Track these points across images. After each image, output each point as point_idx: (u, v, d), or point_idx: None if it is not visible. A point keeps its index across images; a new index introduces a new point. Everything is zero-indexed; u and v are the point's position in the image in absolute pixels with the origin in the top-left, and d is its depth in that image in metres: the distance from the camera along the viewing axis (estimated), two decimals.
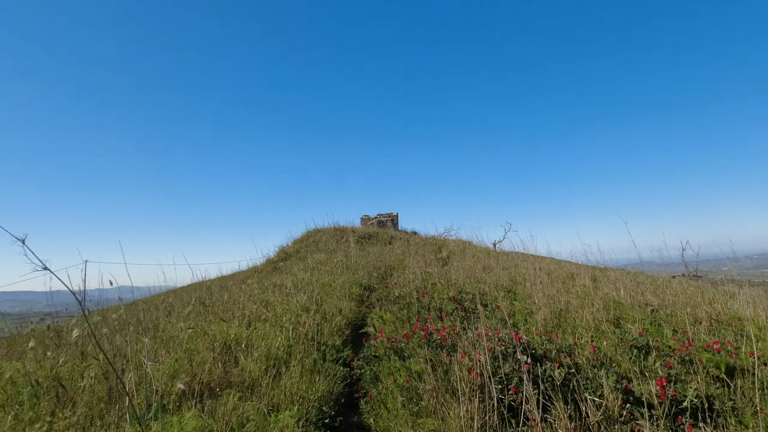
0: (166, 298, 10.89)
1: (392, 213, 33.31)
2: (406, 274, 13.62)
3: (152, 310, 9.34)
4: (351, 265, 16.19)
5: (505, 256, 17.32)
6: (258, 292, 10.77)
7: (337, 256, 18.73)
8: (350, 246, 23.68)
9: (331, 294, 10.92)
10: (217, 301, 9.73)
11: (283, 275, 15.06)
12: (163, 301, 10.41)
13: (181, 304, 9.78)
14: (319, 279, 13.31)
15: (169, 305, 9.59)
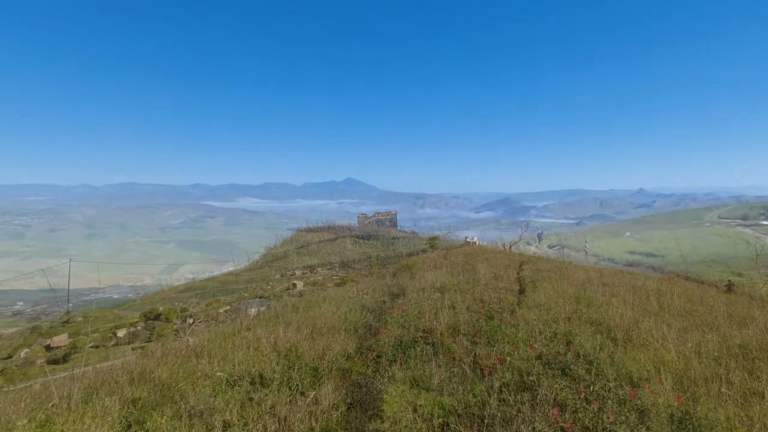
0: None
1: (390, 212, 29.46)
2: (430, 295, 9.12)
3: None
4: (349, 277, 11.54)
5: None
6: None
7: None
8: (347, 248, 19.19)
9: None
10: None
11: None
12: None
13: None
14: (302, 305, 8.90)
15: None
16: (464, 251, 47.44)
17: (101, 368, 8.74)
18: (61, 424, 4.29)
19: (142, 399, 5.12)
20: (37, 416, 4.78)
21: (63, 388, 6.04)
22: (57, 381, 12.46)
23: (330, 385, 5.17)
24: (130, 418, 4.68)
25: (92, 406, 4.91)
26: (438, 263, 37.94)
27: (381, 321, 9.25)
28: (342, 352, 6.73)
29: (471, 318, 9.12)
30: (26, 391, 11.55)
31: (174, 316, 60.66)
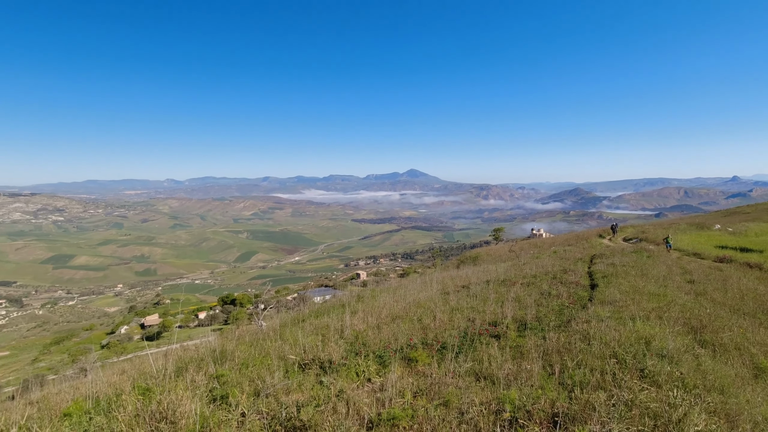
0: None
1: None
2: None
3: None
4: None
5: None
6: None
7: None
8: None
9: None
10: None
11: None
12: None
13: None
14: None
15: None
16: (530, 243, 45.72)
17: (188, 346, 9.60)
18: (159, 394, 4.82)
19: (224, 376, 5.59)
20: (140, 385, 5.42)
21: (158, 362, 6.74)
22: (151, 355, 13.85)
23: (396, 374, 5.28)
24: (214, 393, 5.14)
25: (183, 380, 5.46)
26: (503, 255, 36.98)
27: (445, 312, 9.23)
28: (407, 342, 6.82)
29: (538, 312, 8.82)
30: (128, 363, 13.02)
31: (247, 301, 64.79)
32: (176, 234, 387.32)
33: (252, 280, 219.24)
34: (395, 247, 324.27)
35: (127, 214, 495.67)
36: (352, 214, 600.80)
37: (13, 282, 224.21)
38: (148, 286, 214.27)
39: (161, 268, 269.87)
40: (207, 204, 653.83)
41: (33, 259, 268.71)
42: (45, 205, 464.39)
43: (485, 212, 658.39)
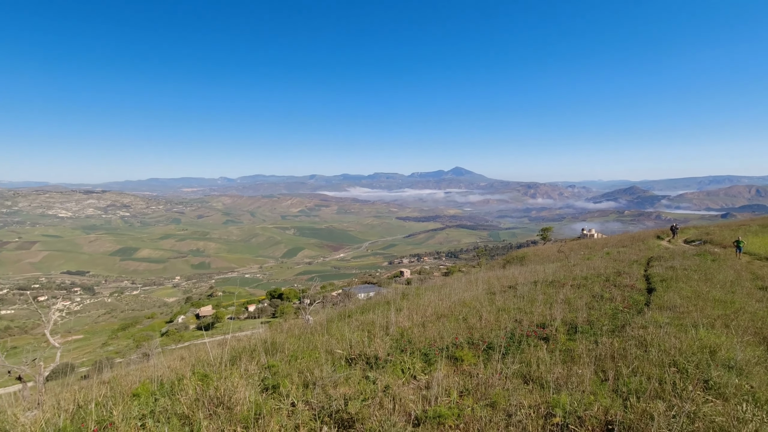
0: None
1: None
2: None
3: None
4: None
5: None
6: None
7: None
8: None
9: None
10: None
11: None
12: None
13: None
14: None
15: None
16: (580, 244, 43.81)
17: (240, 337, 10.08)
18: (216, 380, 5.13)
19: (275, 367, 5.84)
20: (199, 371, 5.78)
21: (214, 351, 7.15)
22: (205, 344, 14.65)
23: (441, 372, 5.29)
24: (266, 382, 5.39)
25: (238, 368, 5.76)
26: (551, 256, 35.72)
27: (491, 312, 9.09)
28: (452, 341, 6.80)
29: (590, 315, 8.48)
30: (185, 350, 13.84)
31: (294, 296, 66.63)
32: (228, 230, 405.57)
33: (298, 275, 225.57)
34: (439, 245, 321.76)
35: (184, 211, 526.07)
36: (396, 212, 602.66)
37: (86, 272, 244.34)
38: (203, 278, 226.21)
39: (214, 262, 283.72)
40: (257, 201, 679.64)
41: (103, 251, 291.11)
42: (114, 201, 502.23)
43: (533, 211, 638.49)
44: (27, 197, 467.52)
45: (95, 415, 4.65)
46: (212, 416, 4.53)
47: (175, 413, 4.72)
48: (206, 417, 4.49)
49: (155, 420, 4.57)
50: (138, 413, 4.73)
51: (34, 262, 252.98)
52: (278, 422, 4.27)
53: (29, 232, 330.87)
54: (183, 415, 4.67)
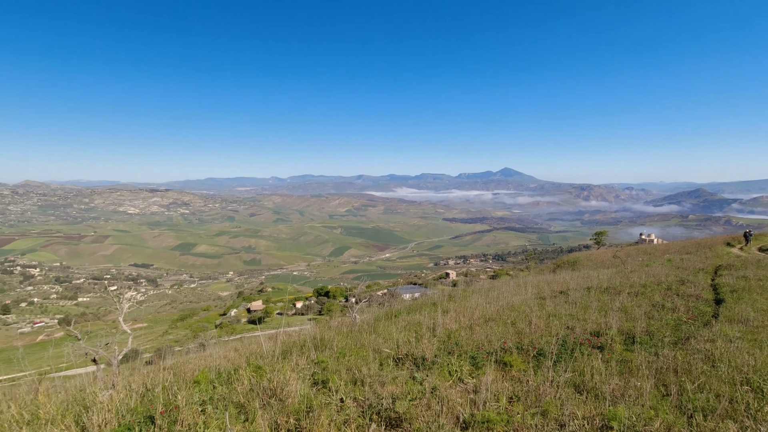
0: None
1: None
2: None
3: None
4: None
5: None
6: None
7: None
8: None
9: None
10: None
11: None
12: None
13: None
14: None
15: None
16: (638, 249, 41.28)
17: (289, 332, 10.44)
18: (269, 372, 5.38)
19: (324, 362, 6.01)
20: (253, 363, 6.08)
21: (265, 344, 7.47)
22: (257, 338, 15.27)
23: (490, 377, 5.21)
24: (316, 377, 5.57)
25: (289, 362, 6.00)
26: (605, 261, 33.96)
27: (541, 318, 8.82)
28: (500, 346, 6.67)
29: (649, 326, 8.01)
30: (238, 342, 14.50)
31: (340, 294, 67.82)
32: (278, 228, 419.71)
33: (344, 274, 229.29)
34: (486, 247, 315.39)
35: (238, 209, 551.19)
36: (442, 213, 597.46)
37: (150, 265, 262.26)
38: (254, 274, 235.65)
39: (265, 259, 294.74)
40: (305, 200, 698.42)
41: (165, 246, 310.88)
42: (175, 199, 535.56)
43: (585, 214, 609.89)
44: (102, 195, 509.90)
45: (162, 398, 5.02)
46: (266, 406, 4.75)
47: (232, 401, 4.99)
48: (261, 407, 4.72)
49: (214, 406, 4.86)
50: (199, 399, 5.04)
51: (106, 254, 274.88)
52: (328, 416, 4.41)
53: (103, 227, 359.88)
54: (239, 404, 4.93)
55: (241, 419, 4.59)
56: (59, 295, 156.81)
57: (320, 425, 4.26)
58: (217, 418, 4.52)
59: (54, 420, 4.48)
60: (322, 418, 4.34)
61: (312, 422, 4.32)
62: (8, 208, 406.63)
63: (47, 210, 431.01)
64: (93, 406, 4.65)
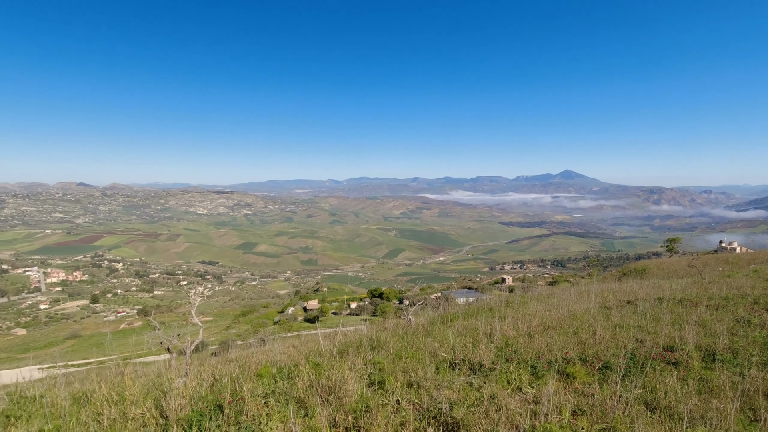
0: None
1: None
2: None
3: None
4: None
5: None
6: None
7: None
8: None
9: None
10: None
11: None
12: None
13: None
14: None
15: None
16: (718, 258, 37.64)
17: (345, 331, 10.67)
18: (327, 370, 5.54)
19: (380, 363, 6.09)
20: (312, 360, 6.30)
21: (323, 342, 7.70)
22: (312, 336, 15.75)
23: (551, 387, 5.00)
24: (372, 377, 5.65)
25: (346, 361, 6.14)
26: (679, 270, 31.35)
27: (607, 328, 8.33)
28: (562, 356, 6.39)
29: (733, 343, 7.29)
30: (295, 339, 15.03)
31: (393, 296, 68.06)
32: (334, 229, 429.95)
33: (398, 276, 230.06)
34: (544, 252, 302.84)
35: (296, 210, 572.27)
36: (499, 217, 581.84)
37: (216, 262, 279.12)
38: (310, 274, 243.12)
39: (321, 259, 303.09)
40: (361, 202, 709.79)
41: (229, 245, 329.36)
42: (239, 201, 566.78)
43: (656, 219, 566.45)
44: (175, 196, 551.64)
45: (229, 388, 5.34)
46: (324, 403, 4.90)
47: (293, 396, 5.20)
48: (319, 403, 4.87)
49: (276, 400, 5.09)
50: (262, 392, 5.31)
51: (178, 251, 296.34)
52: (385, 417, 4.47)
53: (176, 226, 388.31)
54: (299, 399, 5.13)
55: (301, 414, 4.77)
56: (138, 288, 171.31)
57: (377, 425, 4.32)
58: (279, 411, 4.74)
59: (137, 402, 4.93)
60: (379, 419, 4.40)
61: (369, 422, 4.40)
62: (98, 208, 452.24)
63: (130, 210, 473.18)
64: (170, 392, 5.05)
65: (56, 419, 4.73)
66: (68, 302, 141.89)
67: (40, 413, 4.92)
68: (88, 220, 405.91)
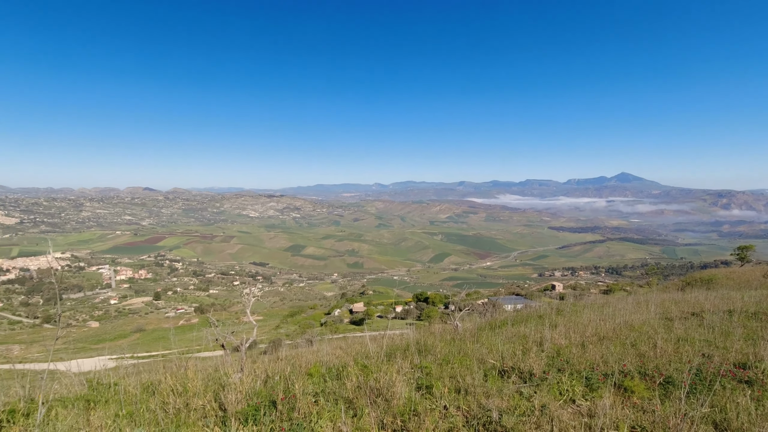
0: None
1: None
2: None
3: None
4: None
5: None
6: None
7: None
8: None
9: None
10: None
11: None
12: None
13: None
14: None
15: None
16: None
17: (391, 335, 10.74)
18: (374, 372, 5.63)
19: (427, 368, 6.10)
20: (360, 362, 6.42)
21: (368, 345, 7.80)
22: (358, 338, 15.96)
23: (607, 401, 4.78)
24: (419, 382, 5.68)
25: (393, 364, 6.20)
26: (752, 281, 28.78)
27: (668, 341, 7.82)
28: (619, 368, 6.08)
29: None
30: (342, 341, 15.30)
31: (439, 300, 67.48)
32: (380, 233, 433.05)
33: (443, 280, 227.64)
34: (598, 259, 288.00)
35: (343, 214, 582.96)
36: (549, 221, 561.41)
37: (266, 263, 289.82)
38: (356, 277, 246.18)
39: (367, 263, 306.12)
40: (407, 206, 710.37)
41: (279, 247, 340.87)
42: (288, 204, 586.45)
43: (724, 225, 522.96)
44: (229, 200, 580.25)
45: (281, 386, 5.57)
46: (372, 404, 4.99)
47: (341, 396, 5.33)
48: (367, 404, 4.96)
49: (325, 399, 5.24)
50: (312, 390, 5.48)
51: (231, 252, 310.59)
52: (433, 422, 4.48)
53: (229, 228, 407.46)
54: (347, 399, 5.25)
55: (350, 414, 4.88)
56: (195, 287, 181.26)
57: (425, 430, 4.34)
58: (328, 410, 4.88)
59: (199, 394, 5.26)
60: (427, 423, 4.42)
61: (417, 425, 4.43)
62: (161, 211, 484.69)
63: (189, 213, 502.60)
64: (227, 386, 5.35)
65: (129, 405, 5.15)
66: (134, 298, 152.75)
67: (115, 399, 5.38)
68: (153, 222, 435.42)
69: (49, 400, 4.90)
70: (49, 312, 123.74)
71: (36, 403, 4.99)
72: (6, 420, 4.60)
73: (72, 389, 6.02)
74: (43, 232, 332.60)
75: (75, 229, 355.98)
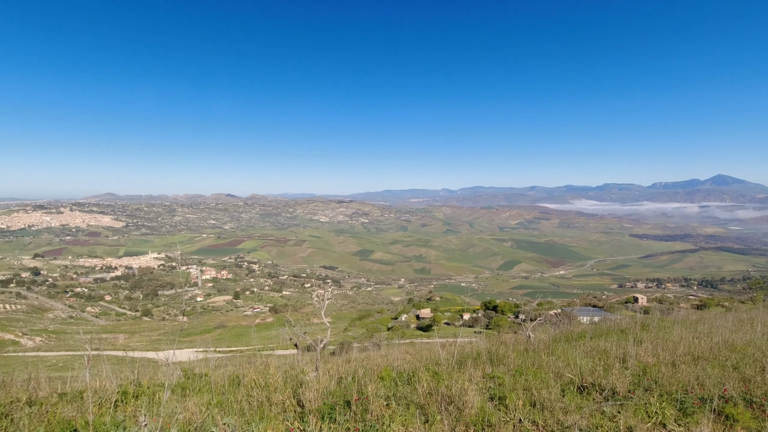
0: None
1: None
2: None
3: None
4: None
5: None
6: None
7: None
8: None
9: None
10: None
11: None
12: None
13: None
14: None
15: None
16: None
17: (460, 342, 10.60)
18: (445, 379, 5.63)
19: (500, 378, 5.96)
20: (430, 368, 6.45)
21: (438, 352, 7.78)
22: (425, 344, 15.90)
23: (705, 428, 4.35)
24: (492, 392, 5.57)
25: (464, 372, 6.15)
26: None
27: None
28: (718, 392, 5.50)
29: None
30: (409, 346, 15.33)
31: (509, 309, 65.09)
32: (448, 238, 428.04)
33: (513, 289, 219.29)
34: (689, 271, 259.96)
35: (410, 219, 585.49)
36: (630, 228, 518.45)
37: (336, 267, 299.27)
38: (423, 282, 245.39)
39: (434, 268, 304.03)
40: (475, 212, 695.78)
41: (348, 251, 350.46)
42: (357, 210, 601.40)
43: None
44: (302, 206, 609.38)
45: (354, 387, 5.76)
46: (444, 411, 4.98)
47: (413, 401, 5.39)
48: (439, 411, 4.97)
49: (397, 403, 5.34)
50: (384, 393, 5.61)
51: (303, 256, 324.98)
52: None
53: (301, 232, 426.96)
54: (419, 404, 5.30)
55: (421, 420, 4.92)
56: (270, 288, 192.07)
57: None
58: (400, 414, 4.96)
59: (279, 389, 5.62)
60: None
61: None
62: (241, 216, 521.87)
63: (265, 218, 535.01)
64: (305, 384, 5.66)
65: (218, 395, 5.65)
66: (217, 297, 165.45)
67: (206, 388, 5.93)
68: (233, 226, 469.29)
69: (154, 384, 5.52)
70: (147, 306, 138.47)
71: (143, 387, 5.67)
72: (120, 400, 5.28)
73: (170, 377, 6.73)
74: (143, 234, 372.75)
75: (169, 232, 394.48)
